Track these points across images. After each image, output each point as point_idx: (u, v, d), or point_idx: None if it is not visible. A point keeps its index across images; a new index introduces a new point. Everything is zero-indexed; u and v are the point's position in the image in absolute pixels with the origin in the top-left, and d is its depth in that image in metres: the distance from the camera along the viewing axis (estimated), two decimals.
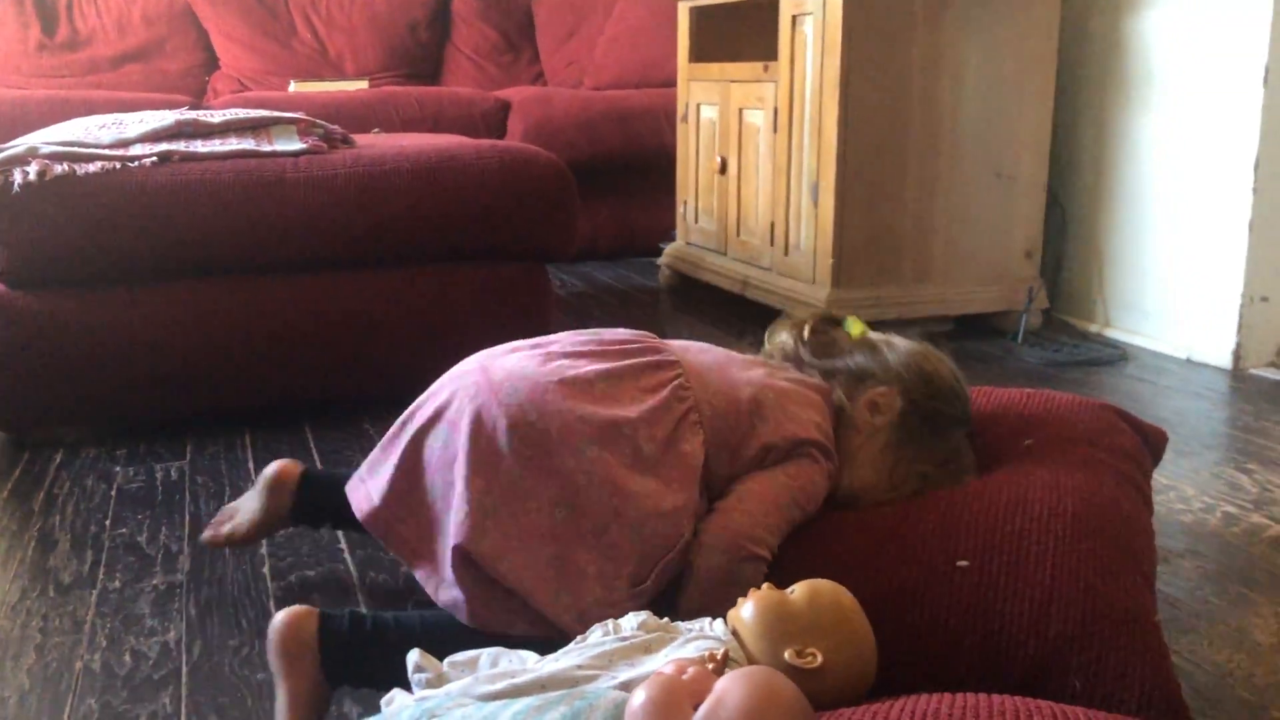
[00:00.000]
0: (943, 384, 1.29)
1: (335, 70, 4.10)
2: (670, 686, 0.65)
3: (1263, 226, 2.40)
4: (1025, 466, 1.23)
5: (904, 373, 1.27)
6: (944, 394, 1.28)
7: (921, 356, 1.30)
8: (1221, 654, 1.26)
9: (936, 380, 1.28)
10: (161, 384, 1.99)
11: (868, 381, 1.27)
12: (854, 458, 1.24)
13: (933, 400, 1.27)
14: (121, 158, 1.96)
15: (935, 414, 1.27)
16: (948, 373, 1.31)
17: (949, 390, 1.29)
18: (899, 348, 1.31)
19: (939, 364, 1.31)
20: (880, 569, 1.07)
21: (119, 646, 1.28)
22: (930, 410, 1.26)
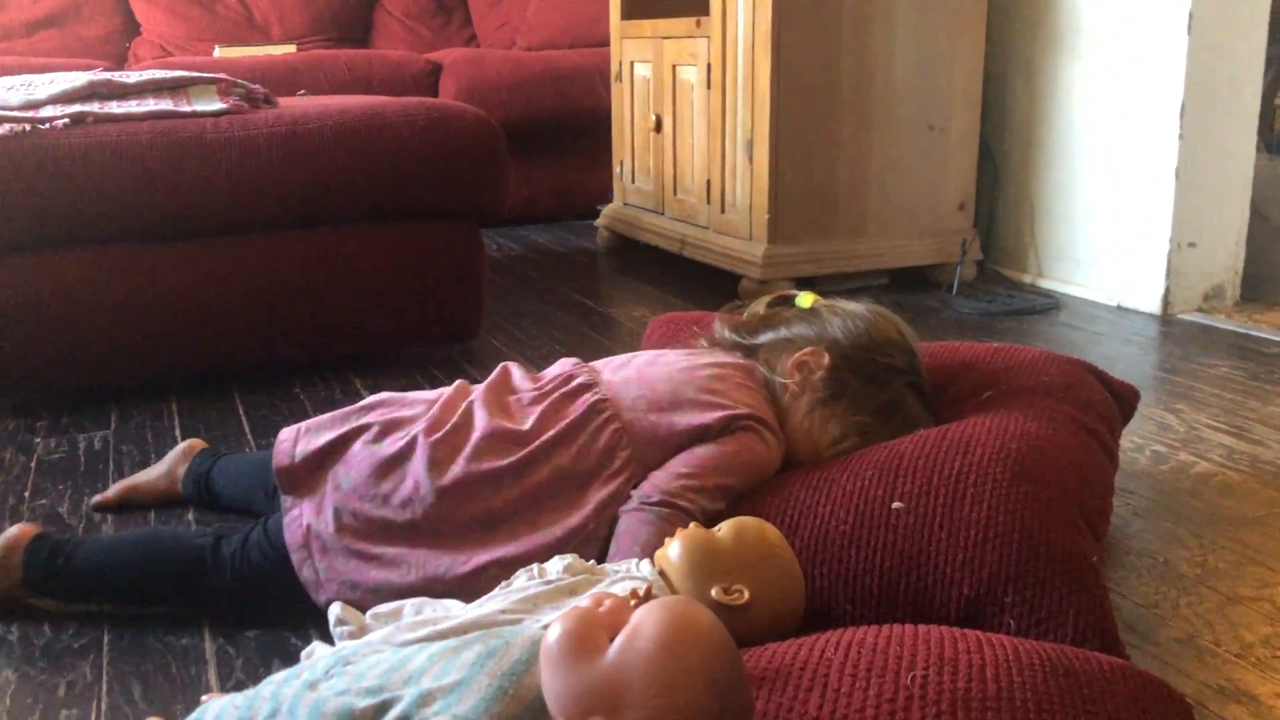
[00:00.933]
0: (879, 335, 1.29)
1: (261, 35, 4.00)
2: (586, 618, 0.64)
3: (1189, 173, 2.43)
4: (977, 416, 1.23)
5: (839, 333, 1.29)
6: (879, 344, 1.29)
7: (863, 315, 1.32)
8: (1149, 587, 1.28)
9: (872, 332, 1.29)
10: (83, 352, 1.93)
11: (795, 344, 1.29)
12: (788, 419, 1.26)
13: (866, 351, 1.28)
14: (32, 120, 1.89)
15: (868, 364, 1.27)
16: (889, 326, 1.32)
17: (885, 340, 1.29)
18: (841, 310, 1.33)
19: (880, 319, 1.32)
20: (817, 514, 1.07)
21: (37, 617, 1.24)
22: (863, 360, 1.27)
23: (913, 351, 1.33)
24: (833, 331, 1.29)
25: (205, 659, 1.15)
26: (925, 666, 0.71)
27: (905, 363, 1.31)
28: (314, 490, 1.21)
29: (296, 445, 1.25)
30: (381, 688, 0.67)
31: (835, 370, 1.26)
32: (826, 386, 1.26)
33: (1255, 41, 2.45)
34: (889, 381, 1.29)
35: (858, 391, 1.26)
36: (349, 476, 1.20)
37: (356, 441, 1.22)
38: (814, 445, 1.26)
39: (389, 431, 1.22)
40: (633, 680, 0.62)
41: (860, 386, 1.26)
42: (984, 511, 1.03)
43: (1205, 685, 1.08)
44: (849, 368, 1.26)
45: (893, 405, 1.28)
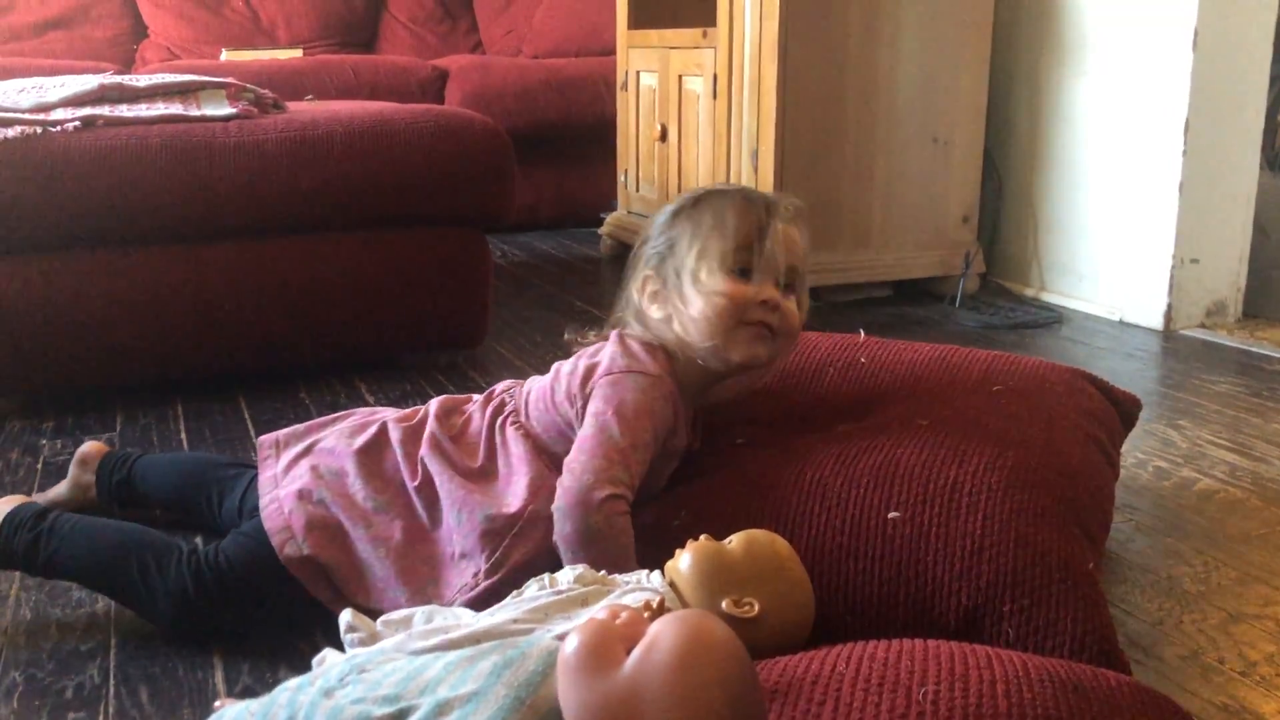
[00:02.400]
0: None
1: (268, 39, 4.01)
2: (603, 631, 0.64)
3: (1192, 189, 2.43)
4: (977, 417, 1.22)
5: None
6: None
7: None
8: (1154, 603, 1.28)
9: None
10: (90, 354, 1.94)
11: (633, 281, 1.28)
12: (678, 318, 1.20)
13: (667, 215, 1.25)
14: (42, 122, 1.90)
15: (667, 223, 1.24)
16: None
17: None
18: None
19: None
20: (813, 524, 1.07)
21: (44, 619, 1.25)
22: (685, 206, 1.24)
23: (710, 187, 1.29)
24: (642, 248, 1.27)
25: (212, 664, 1.15)
26: (937, 682, 0.71)
27: (696, 191, 1.27)
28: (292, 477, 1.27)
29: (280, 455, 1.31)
30: (398, 696, 0.67)
31: (642, 259, 1.25)
32: (650, 273, 1.23)
33: (1259, 58, 2.46)
34: (684, 209, 1.24)
35: (670, 240, 1.22)
36: (330, 466, 1.25)
37: (330, 436, 1.29)
38: (702, 305, 1.17)
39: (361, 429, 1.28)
40: (650, 693, 0.62)
41: (666, 236, 1.23)
42: (980, 521, 1.03)
43: (1209, 703, 1.09)
44: (652, 241, 1.25)
45: (710, 210, 1.21)
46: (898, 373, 1.36)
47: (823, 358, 1.40)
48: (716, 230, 1.18)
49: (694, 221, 1.21)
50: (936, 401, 1.26)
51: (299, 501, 1.21)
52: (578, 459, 1.11)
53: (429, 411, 1.28)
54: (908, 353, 1.41)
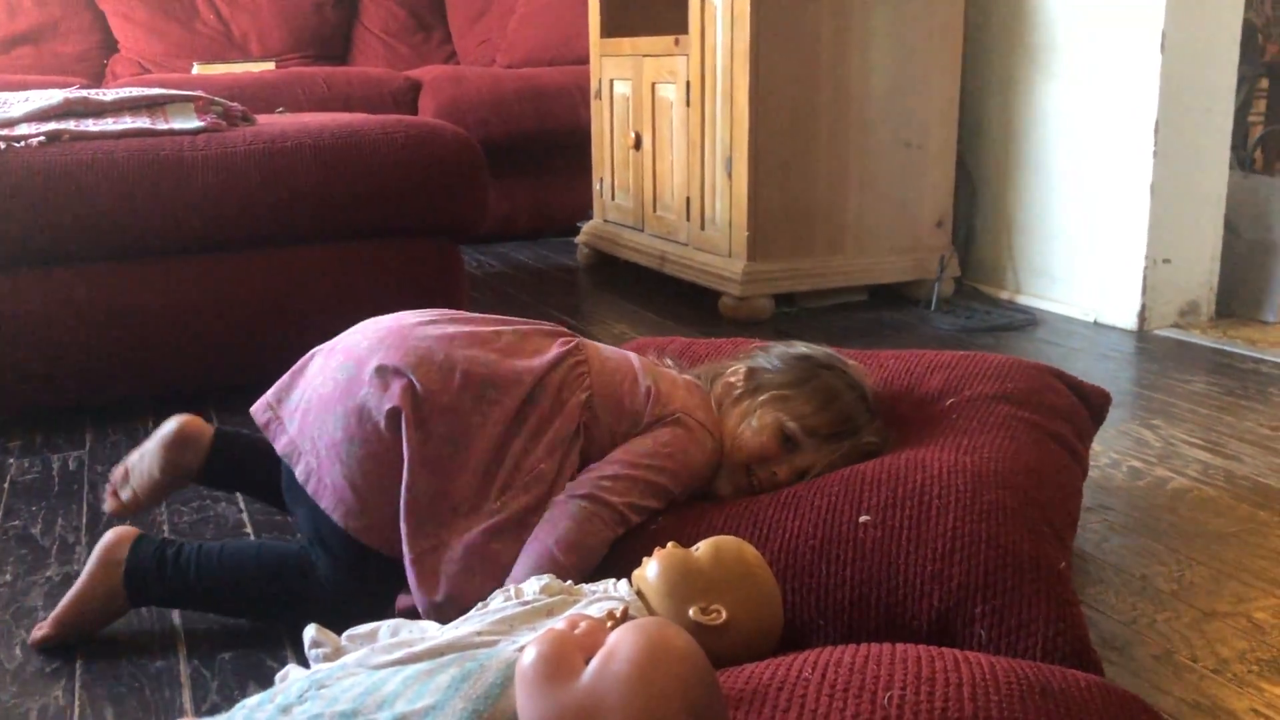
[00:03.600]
0: (803, 351, 1.33)
1: (240, 52, 3.99)
2: (561, 641, 0.64)
3: (1163, 190, 2.45)
4: (930, 432, 1.23)
5: (763, 359, 1.34)
6: (803, 354, 1.32)
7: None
8: (1126, 603, 1.28)
9: (796, 352, 1.34)
10: (57, 372, 1.92)
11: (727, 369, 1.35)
12: (725, 423, 1.28)
13: (789, 358, 1.32)
14: (6, 138, 1.88)
15: (792, 366, 1.30)
16: (822, 354, 1.35)
17: (809, 354, 1.33)
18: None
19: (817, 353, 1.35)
20: (786, 529, 1.07)
21: (9, 640, 1.23)
22: (786, 363, 1.31)
23: (846, 367, 1.34)
24: (758, 361, 1.34)
25: (179, 682, 1.14)
26: (903, 686, 0.71)
27: (833, 362, 1.33)
28: (302, 431, 1.23)
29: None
30: (355, 711, 0.66)
31: (753, 372, 1.30)
32: (746, 382, 1.29)
33: (1227, 59, 2.47)
34: (815, 374, 1.29)
35: (781, 382, 1.28)
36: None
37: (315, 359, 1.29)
38: (750, 435, 1.25)
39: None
40: (608, 703, 0.62)
41: (783, 378, 1.28)
42: (950, 523, 1.03)
43: (1182, 701, 1.08)
44: (770, 370, 1.30)
45: (824, 391, 1.27)
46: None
47: None
48: (815, 411, 1.25)
49: (811, 388, 1.27)
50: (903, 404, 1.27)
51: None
52: (620, 458, 1.16)
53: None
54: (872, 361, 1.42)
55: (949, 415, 1.24)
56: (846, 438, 1.25)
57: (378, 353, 1.17)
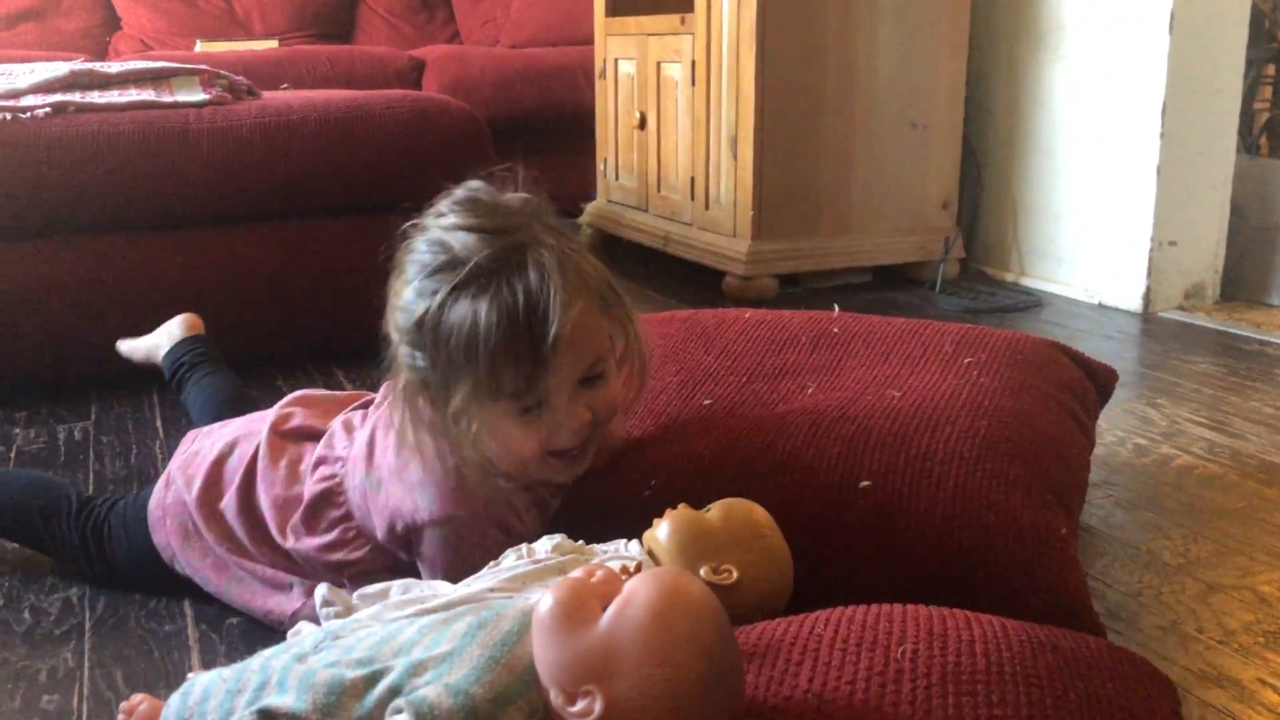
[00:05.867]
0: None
1: (243, 30, 3.98)
2: (578, 588, 0.64)
3: (1170, 171, 2.44)
4: (950, 388, 1.21)
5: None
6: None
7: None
8: (1132, 575, 1.28)
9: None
10: (63, 342, 1.92)
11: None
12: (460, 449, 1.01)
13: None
14: (12, 109, 1.88)
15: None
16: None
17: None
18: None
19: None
20: (784, 494, 1.05)
21: (18, 604, 1.23)
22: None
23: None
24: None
25: (188, 644, 1.14)
26: (915, 640, 0.71)
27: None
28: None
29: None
30: (372, 659, 0.67)
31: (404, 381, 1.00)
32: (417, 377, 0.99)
33: (1235, 41, 2.47)
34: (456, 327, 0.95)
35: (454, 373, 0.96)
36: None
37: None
38: (507, 461, 1.00)
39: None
40: (625, 649, 0.62)
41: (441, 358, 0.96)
42: (951, 488, 1.03)
43: (1188, 670, 1.09)
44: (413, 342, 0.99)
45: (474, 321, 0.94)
46: (870, 341, 1.35)
47: (796, 329, 1.39)
48: (488, 382, 0.94)
49: (453, 359, 0.95)
50: (908, 371, 1.25)
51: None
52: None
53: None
54: (881, 325, 1.40)
55: (970, 372, 1.23)
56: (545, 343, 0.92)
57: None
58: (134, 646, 1.14)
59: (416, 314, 0.97)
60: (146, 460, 1.65)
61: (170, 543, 1.19)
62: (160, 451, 1.68)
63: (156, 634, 1.17)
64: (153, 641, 1.15)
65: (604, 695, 0.62)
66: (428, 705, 0.62)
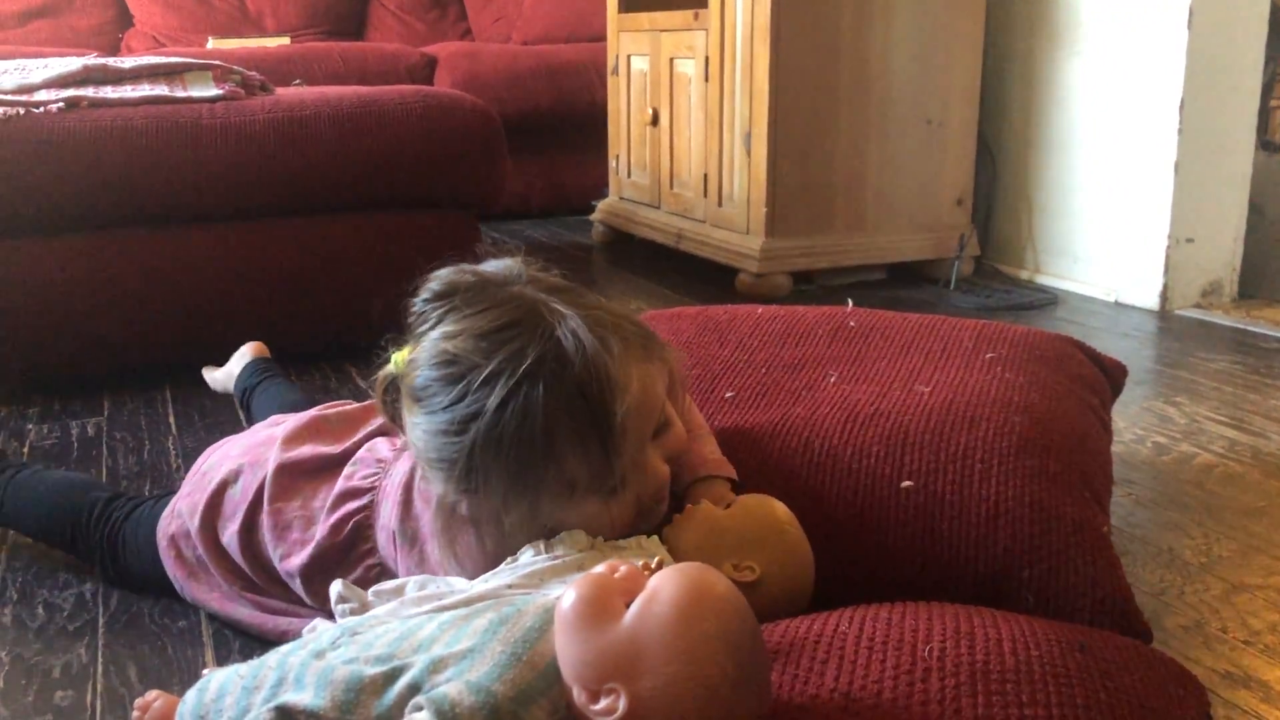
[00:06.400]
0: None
1: (255, 27, 3.98)
2: (602, 584, 0.63)
3: (1187, 168, 2.42)
4: (978, 383, 1.20)
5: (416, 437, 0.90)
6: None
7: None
8: (1155, 575, 1.27)
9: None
10: (76, 339, 1.91)
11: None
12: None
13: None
14: (26, 103, 1.87)
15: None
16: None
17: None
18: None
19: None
20: (823, 496, 1.04)
21: (31, 600, 1.23)
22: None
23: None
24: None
25: (202, 640, 1.13)
26: (942, 639, 0.70)
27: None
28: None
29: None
30: (391, 655, 0.66)
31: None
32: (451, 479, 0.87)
33: (1254, 36, 2.45)
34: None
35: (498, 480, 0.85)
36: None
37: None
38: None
39: None
40: (650, 646, 0.61)
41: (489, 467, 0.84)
42: (994, 487, 1.01)
43: (1213, 671, 1.07)
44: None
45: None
46: (888, 335, 1.34)
47: (811, 323, 1.38)
48: (556, 489, 0.85)
49: (511, 486, 0.84)
50: (931, 367, 1.24)
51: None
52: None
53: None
54: (897, 320, 1.39)
55: (994, 368, 1.22)
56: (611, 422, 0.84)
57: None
58: (148, 642, 1.13)
59: (449, 457, 0.85)
60: (159, 456, 1.64)
61: (176, 575, 1.16)
62: (173, 448, 1.68)
63: (170, 630, 1.16)
64: (166, 637, 1.14)
65: (628, 693, 0.61)
66: (449, 703, 0.61)
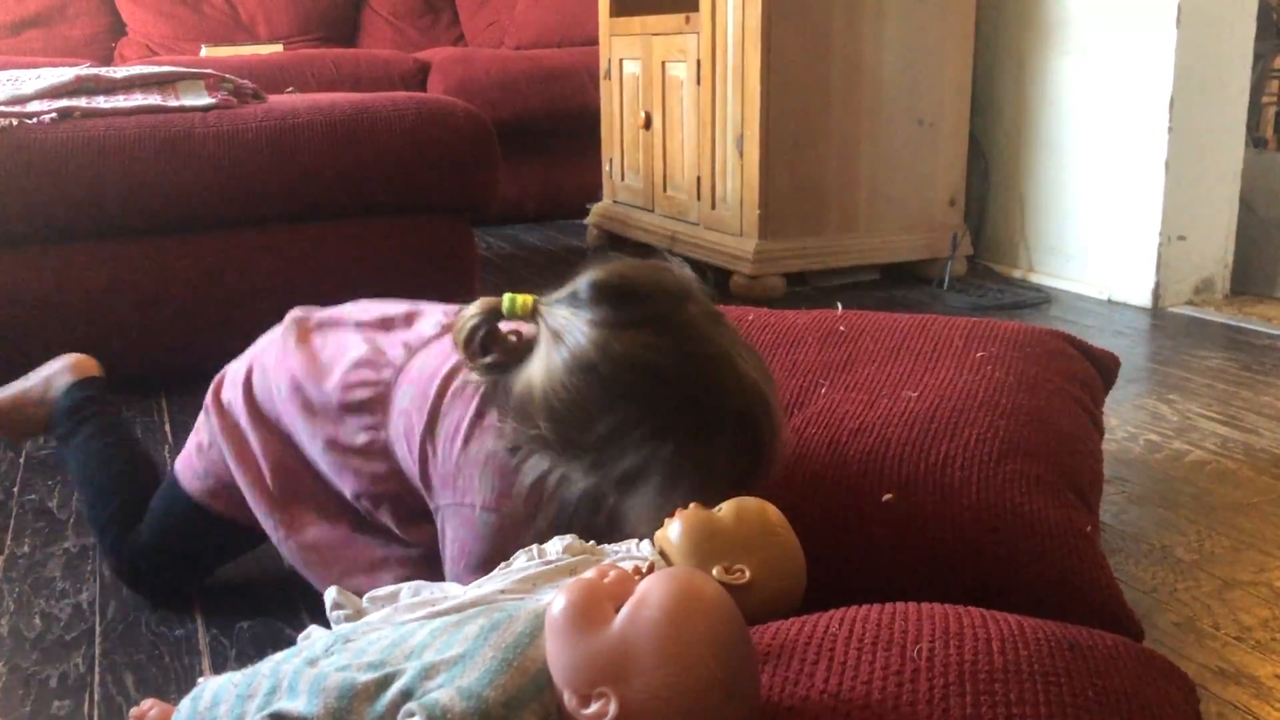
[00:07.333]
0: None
1: (248, 34, 3.99)
2: (591, 589, 0.63)
3: (1178, 166, 2.43)
4: (966, 386, 1.20)
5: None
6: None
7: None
8: (1147, 572, 1.27)
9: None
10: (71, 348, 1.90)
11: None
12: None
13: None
14: (19, 114, 1.88)
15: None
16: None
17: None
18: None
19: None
20: (807, 511, 1.02)
21: (28, 609, 1.23)
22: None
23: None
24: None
25: (199, 649, 1.14)
26: (931, 639, 0.70)
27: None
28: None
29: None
30: (383, 662, 0.66)
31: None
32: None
33: (1243, 34, 2.46)
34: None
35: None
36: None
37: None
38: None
39: None
40: (639, 650, 0.61)
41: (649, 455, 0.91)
42: (974, 495, 1.02)
43: (1205, 668, 1.08)
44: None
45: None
46: (878, 338, 1.34)
47: (802, 329, 1.38)
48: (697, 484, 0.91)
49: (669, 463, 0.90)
50: (921, 368, 1.24)
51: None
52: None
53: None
54: (888, 321, 1.40)
55: (984, 367, 1.22)
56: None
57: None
58: (144, 651, 1.14)
59: (600, 414, 0.91)
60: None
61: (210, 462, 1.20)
62: (169, 456, 1.68)
63: (167, 638, 1.16)
64: (163, 646, 1.15)
65: (618, 697, 0.61)
66: (440, 708, 0.61)
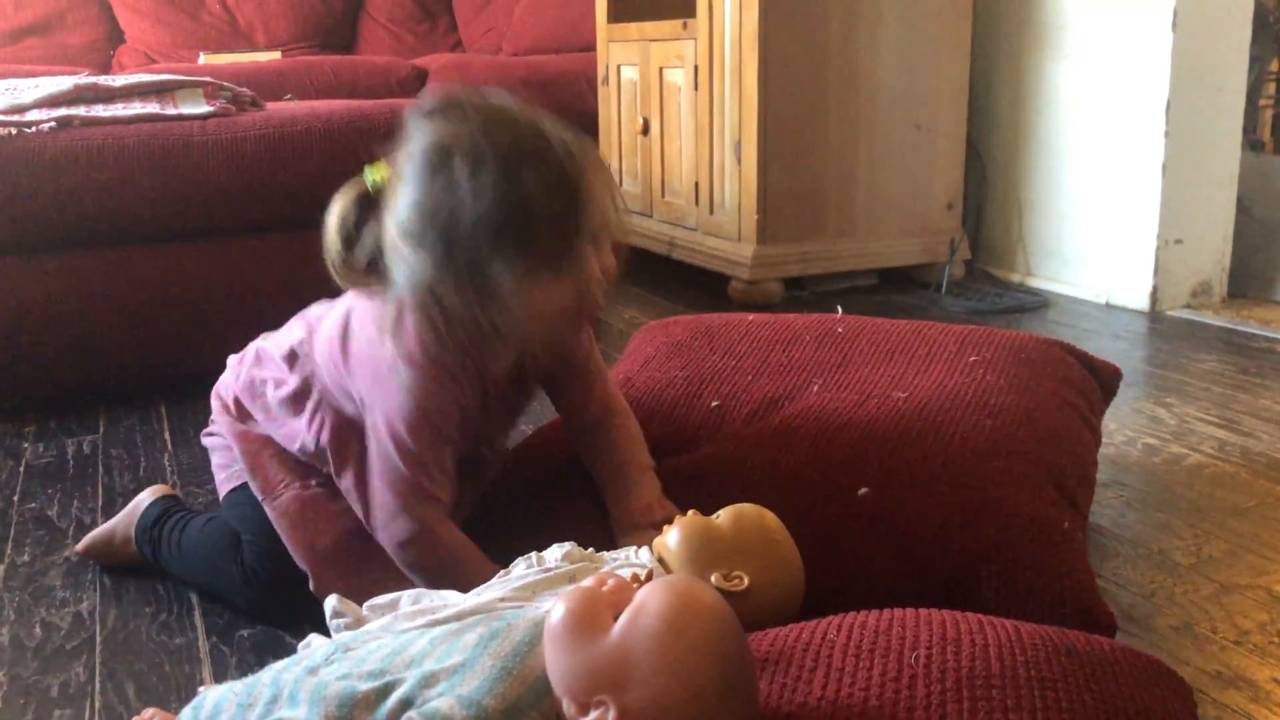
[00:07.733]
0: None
1: (246, 42, 3.99)
2: (589, 597, 0.64)
3: (1175, 169, 2.44)
4: (955, 387, 1.21)
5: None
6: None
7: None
8: (1145, 576, 1.28)
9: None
10: (71, 357, 1.92)
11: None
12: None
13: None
14: (17, 123, 1.88)
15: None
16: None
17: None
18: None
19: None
20: (792, 507, 1.03)
21: (28, 619, 1.23)
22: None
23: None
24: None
25: (199, 658, 1.14)
26: (928, 646, 0.71)
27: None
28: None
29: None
30: (383, 671, 0.67)
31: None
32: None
33: (1239, 38, 2.46)
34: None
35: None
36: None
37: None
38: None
39: None
40: (638, 658, 0.62)
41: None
42: (947, 491, 1.03)
43: (1203, 671, 1.08)
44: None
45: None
46: (875, 340, 1.35)
47: (800, 329, 1.39)
48: (526, 251, 0.96)
49: (483, 244, 0.95)
50: (914, 371, 1.25)
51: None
52: (373, 495, 1.04)
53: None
54: (885, 325, 1.41)
55: (975, 371, 1.23)
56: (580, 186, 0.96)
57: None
58: (145, 660, 1.14)
59: (430, 208, 0.95)
60: (155, 473, 1.65)
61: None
62: (169, 464, 1.68)
63: (167, 647, 1.16)
64: (164, 655, 1.15)
65: (617, 705, 0.62)
66: (440, 717, 0.61)
